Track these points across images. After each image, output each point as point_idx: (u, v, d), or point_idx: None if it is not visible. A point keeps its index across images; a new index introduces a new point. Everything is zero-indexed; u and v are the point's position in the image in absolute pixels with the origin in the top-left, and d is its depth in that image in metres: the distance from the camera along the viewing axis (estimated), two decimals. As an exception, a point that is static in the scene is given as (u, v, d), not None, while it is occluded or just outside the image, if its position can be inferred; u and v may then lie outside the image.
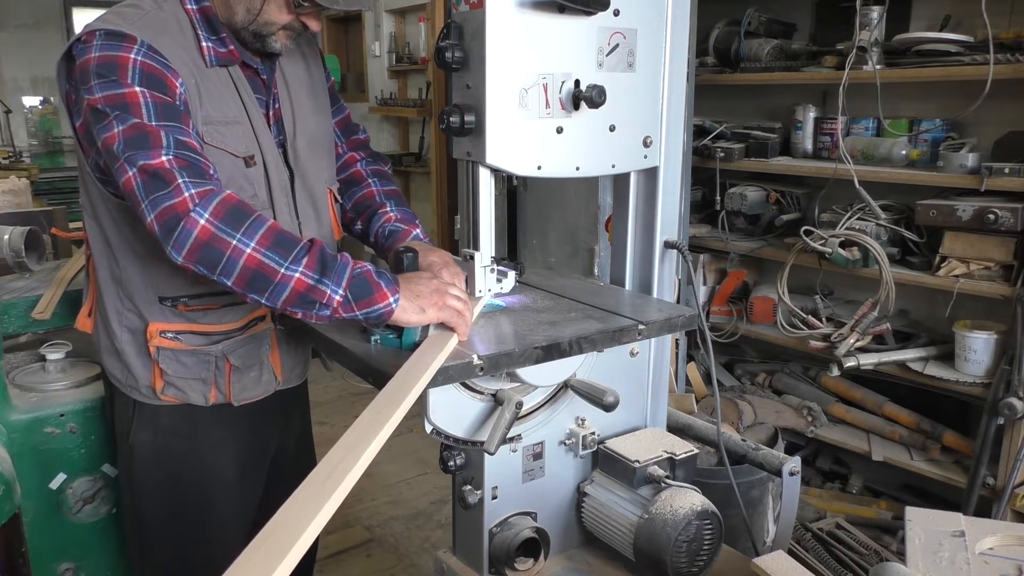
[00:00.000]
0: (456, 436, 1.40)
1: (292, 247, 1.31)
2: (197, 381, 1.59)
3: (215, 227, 1.29)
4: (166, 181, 1.31)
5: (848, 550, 2.80)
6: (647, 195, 1.66)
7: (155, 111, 1.37)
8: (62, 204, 2.49)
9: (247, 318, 1.60)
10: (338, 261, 1.33)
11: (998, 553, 1.46)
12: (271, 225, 1.33)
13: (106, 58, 1.37)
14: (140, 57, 1.38)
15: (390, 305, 1.32)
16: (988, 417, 2.65)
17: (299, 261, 1.30)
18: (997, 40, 2.59)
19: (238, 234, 1.30)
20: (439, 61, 1.36)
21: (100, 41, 1.39)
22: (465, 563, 1.56)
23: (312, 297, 1.31)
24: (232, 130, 1.51)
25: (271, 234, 1.31)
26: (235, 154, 1.51)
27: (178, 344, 1.56)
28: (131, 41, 1.39)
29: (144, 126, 1.34)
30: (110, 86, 1.36)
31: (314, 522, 0.92)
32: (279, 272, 1.30)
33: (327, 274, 1.31)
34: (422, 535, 3.17)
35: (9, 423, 1.86)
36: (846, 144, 3.02)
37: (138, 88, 1.36)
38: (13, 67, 6.96)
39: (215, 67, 1.50)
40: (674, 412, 2.00)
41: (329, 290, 1.30)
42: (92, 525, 1.98)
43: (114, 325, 1.59)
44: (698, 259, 3.52)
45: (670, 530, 1.35)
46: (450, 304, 1.35)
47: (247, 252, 1.29)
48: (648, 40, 1.50)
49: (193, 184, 1.32)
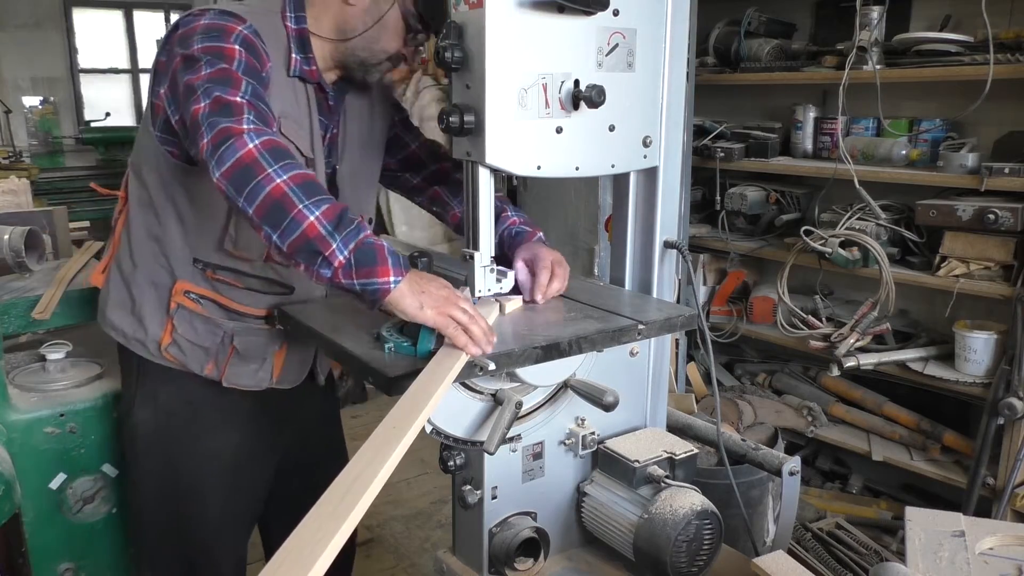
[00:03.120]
0: (456, 436, 1.40)
1: (319, 192, 1.32)
2: (200, 349, 1.63)
3: (259, 153, 1.32)
4: (233, 111, 1.36)
5: (848, 550, 2.80)
6: (647, 195, 1.65)
7: (246, 67, 1.44)
8: (62, 204, 2.49)
9: (267, 310, 1.64)
10: (354, 224, 1.31)
11: (998, 553, 1.46)
12: (308, 172, 1.35)
13: (215, 24, 1.47)
14: (245, 31, 1.48)
15: (388, 284, 1.29)
16: (988, 417, 2.65)
17: (319, 206, 1.30)
18: (997, 40, 2.59)
19: (276, 165, 1.32)
20: (439, 61, 1.36)
21: (212, 13, 1.49)
22: (465, 563, 1.56)
23: (319, 247, 1.29)
24: (301, 132, 1.60)
25: (304, 176, 1.33)
26: (301, 151, 1.58)
27: (198, 307, 1.61)
28: (240, 20, 1.49)
29: (231, 72, 1.41)
30: (212, 40, 1.45)
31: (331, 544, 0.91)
32: (297, 207, 1.29)
33: (340, 229, 1.29)
34: (422, 535, 3.17)
35: (9, 423, 1.86)
36: (846, 144, 3.02)
37: (238, 47, 1.45)
38: (13, 67, 6.96)
39: (294, 78, 1.59)
40: (674, 412, 2.00)
41: (335, 246, 1.29)
42: (92, 525, 1.98)
43: (140, 278, 1.64)
44: (698, 259, 3.52)
45: (670, 530, 1.35)
46: (452, 313, 1.30)
47: (276, 182, 1.30)
48: (648, 40, 1.50)
49: (255, 122, 1.36)
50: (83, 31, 7.35)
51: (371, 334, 1.39)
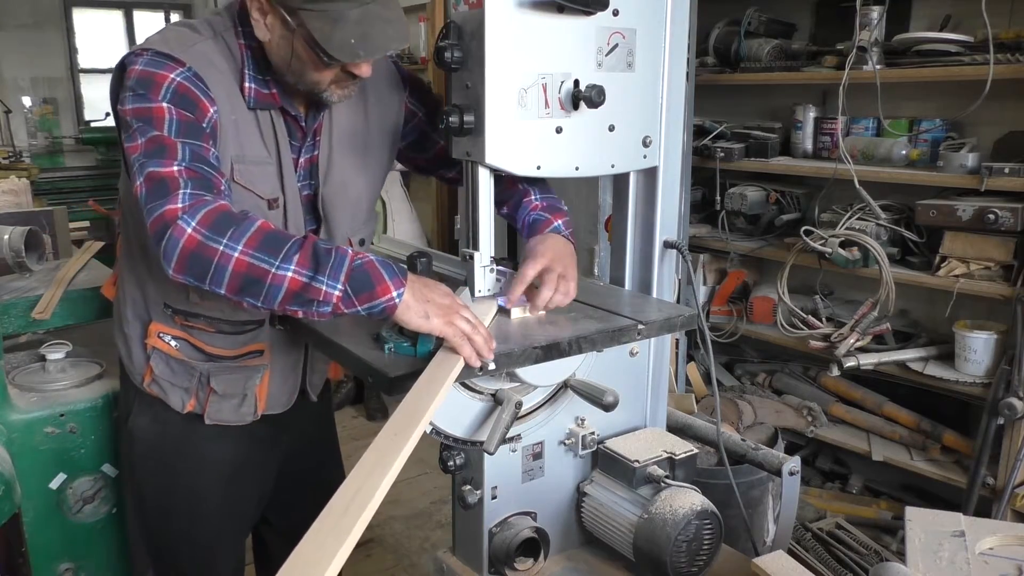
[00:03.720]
0: (456, 436, 1.40)
1: (282, 245, 1.26)
2: (179, 388, 1.60)
3: (201, 235, 1.26)
4: (168, 189, 1.29)
5: (848, 550, 2.80)
6: (647, 195, 1.66)
7: (177, 127, 1.37)
8: (62, 204, 2.48)
9: (242, 350, 1.60)
10: (334, 255, 1.26)
11: (998, 553, 1.46)
12: (260, 225, 1.28)
13: (146, 74, 1.39)
14: (179, 79, 1.39)
15: (393, 300, 1.26)
16: (988, 417, 2.65)
17: (290, 259, 1.25)
18: (997, 40, 2.59)
19: (224, 239, 1.25)
20: (438, 61, 1.36)
21: (148, 58, 1.41)
22: (465, 563, 1.56)
23: (308, 296, 1.25)
24: (261, 171, 1.51)
25: (259, 235, 1.27)
26: (260, 195, 1.51)
27: (172, 350, 1.59)
28: (177, 64, 1.40)
29: (163, 138, 1.35)
30: (140, 100, 1.38)
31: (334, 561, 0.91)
32: (270, 273, 1.24)
33: (321, 270, 1.25)
34: (422, 535, 3.17)
35: (9, 423, 1.86)
36: (846, 144, 3.01)
37: (166, 104, 1.37)
38: (13, 67, 6.95)
39: (252, 111, 1.50)
40: (674, 412, 2.00)
41: (325, 286, 1.25)
42: (92, 525, 1.98)
43: (127, 310, 1.63)
44: (698, 259, 3.52)
45: (670, 530, 1.35)
46: (456, 322, 1.27)
47: (235, 256, 1.25)
48: (647, 40, 1.50)
49: (192, 195, 1.29)
50: (83, 31, 7.34)
51: (371, 334, 1.39)
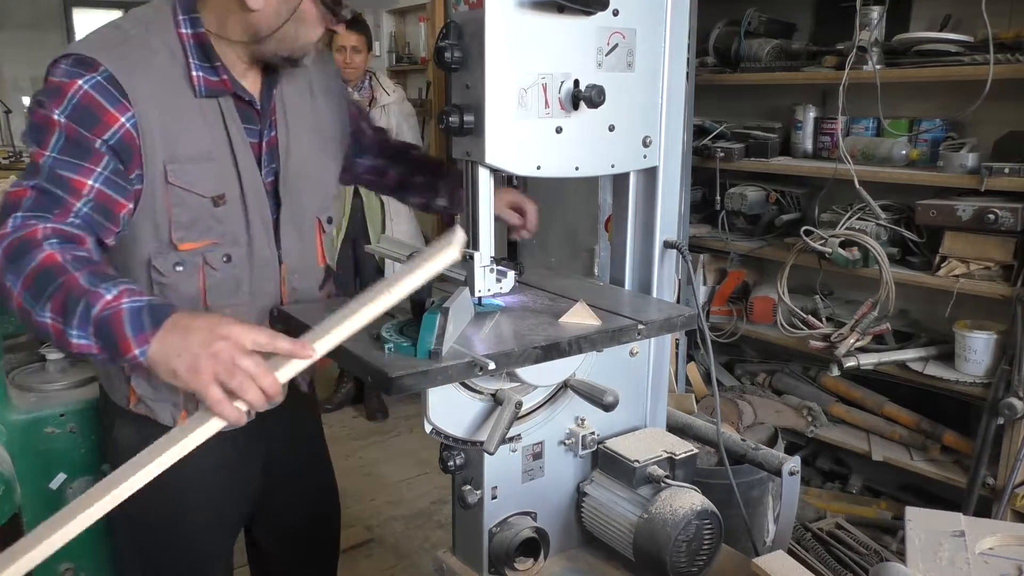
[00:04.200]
0: (456, 436, 1.40)
1: (46, 286, 1.15)
2: (167, 403, 1.57)
3: (1, 265, 1.19)
4: (8, 211, 1.25)
5: (848, 550, 2.80)
6: (647, 195, 1.66)
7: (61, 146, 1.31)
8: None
9: None
10: (81, 303, 1.14)
11: (998, 553, 1.46)
12: (40, 261, 1.17)
13: (54, 84, 1.34)
14: (87, 87, 1.33)
15: (136, 357, 1.13)
16: (988, 417, 2.65)
17: (46, 305, 1.15)
18: (997, 40, 2.59)
19: (11, 274, 1.18)
20: (438, 61, 1.36)
21: (65, 65, 1.35)
22: (465, 563, 1.56)
23: (65, 345, 1.15)
24: (202, 168, 1.45)
25: (33, 273, 1.17)
26: (201, 194, 1.46)
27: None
28: (92, 69, 1.34)
29: (36, 156, 1.31)
30: (41, 108, 1.33)
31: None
32: (33, 317, 1.16)
33: (69, 320, 1.14)
34: (422, 535, 3.17)
35: (9, 423, 1.86)
36: (846, 144, 3.02)
37: (63, 119, 1.32)
38: (13, 67, 6.97)
39: (203, 98, 1.45)
40: (674, 412, 2.00)
41: (75, 339, 1.14)
42: (92, 525, 1.98)
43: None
44: (698, 259, 3.52)
45: (670, 530, 1.35)
46: (217, 372, 1.10)
47: (14, 294, 1.17)
48: (647, 40, 1.50)
49: (21, 218, 1.23)
50: (83, 31, 7.35)
51: (371, 334, 1.39)
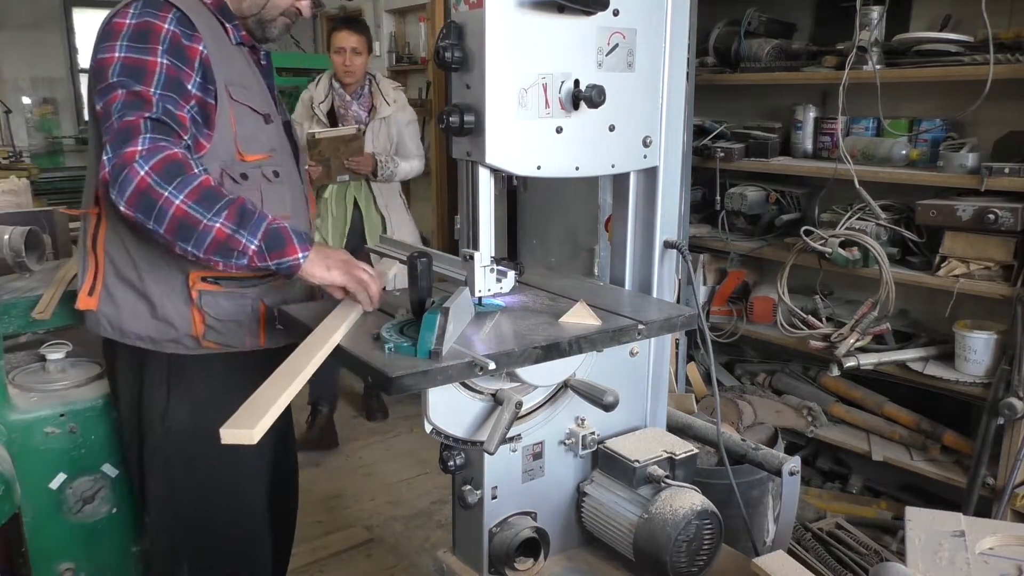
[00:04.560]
0: (456, 436, 1.40)
1: (216, 201, 1.47)
2: (235, 323, 1.73)
3: (152, 179, 1.45)
4: (131, 135, 1.47)
5: (848, 550, 2.80)
6: (647, 195, 1.66)
7: (164, 82, 1.54)
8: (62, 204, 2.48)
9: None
10: (256, 216, 1.50)
11: (998, 553, 1.46)
12: (202, 181, 1.48)
13: (142, 24, 1.56)
14: (172, 27, 1.57)
15: (298, 260, 1.50)
16: (988, 417, 2.65)
17: (220, 213, 1.47)
18: (997, 40, 2.59)
19: (170, 187, 1.45)
20: (439, 61, 1.36)
21: (140, 8, 1.57)
22: (465, 563, 1.56)
23: (230, 246, 1.47)
24: (251, 91, 1.73)
25: (199, 189, 1.47)
26: (257, 110, 1.73)
27: (218, 287, 1.71)
28: (167, 9, 1.58)
29: (143, 92, 1.51)
30: (135, 51, 1.54)
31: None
32: (202, 223, 1.46)
33: (244, 226, 1.47)
34: (422, 535, 3.17)
35: (9, 423, 1.86)
36: (846, 144, 3.02)
37: (162, 60, 1.55)
38: (13, 67, 6.96)
39: (237, 45, 1.73)
40: (674, 412, 2.00)
41: (245, 240, 1.47)
42: (92, 525, 1.98)
43: (151, 283, 1.70)
44: (698, 259, 3.52)
45: (670, 530, 1.35)
46: (355, 273, 1.53)
47: (176, 203, 1.45)
48: (648, 40, 1.50)
49: (151, 140, 1.47)
50: (83, 31, 7.35)
51: (371, 334, 1.39)
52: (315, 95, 3.73)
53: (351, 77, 3.69)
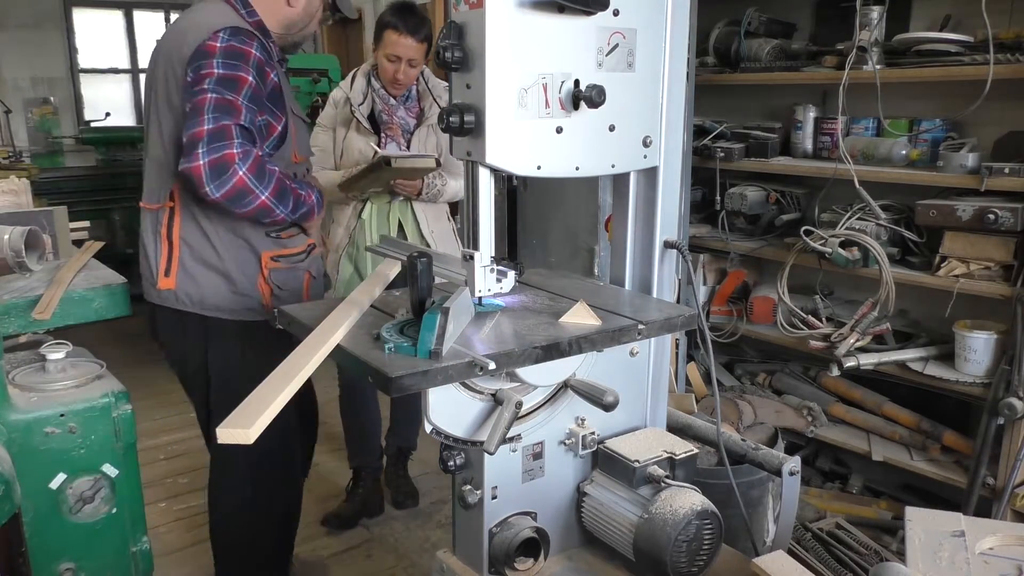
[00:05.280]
0: (456, 436, 1.40)
1: (285, 194, 2.01)
2: (291, 292, 2.19)
3: (248, 178, 1.89)
4: (225, 136, 1.86)
5: (848, 550, 2.80)
6: (647, 195, 1.66)
7: (250, 96, 1.93)
8: (62, 204, 2.48)
9: (307, 244, 2.25)
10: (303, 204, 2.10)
11: (998, 553, 1.46)
12: (278, 176, 1.98)
13: (233, 47, 1.93)
14: (257, 53, 1.96)
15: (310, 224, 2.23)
16: (988, 417, 2.65)
17: (287, 203, 2.02)
18: (997, 40, 2.59)
19: (261, 186, 1.93)
20: (439, 61, 1.36)
21: (228, 35, 1.94)
22: (465, 563, 1.56)
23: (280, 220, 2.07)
24: (295, 101, 2.20)
25: (277, 185, 1.98)
26: (304, 119, 2.24)
27: (280, 265, 2.17)
28: (251, 38, 1.97)
29: (234, 101, 1.89)
30: (230, 68, 1.91)
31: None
32: (274, 212, 2.01)
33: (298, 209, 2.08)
34: (422, 535, 3.17)
35: (9, 423, 1.86)
36: (846, 144, 3.02)
37: (251, 78, 1.93)
38: (13, 67, 6.95)
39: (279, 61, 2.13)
40: (674, 412, 2.00)
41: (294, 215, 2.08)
42: (92, 525, 1.98)
43: (230, 263, 2.11)
44: (698, 259, 3.52)
45: (670, 530, 1.35)
46: None
47: (262, 198, 1.95)
48: (648, 40, 1.50)
49: (241, 144, 1.87)
50: (83, 31, 7.34)
51: (371, 334, 1.39)
52: (352, 96, 2.96)
53: (399, 89, 2.97)
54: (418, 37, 2.84)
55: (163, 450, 3.88)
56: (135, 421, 2.00)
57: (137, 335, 5.11)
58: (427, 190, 2.94)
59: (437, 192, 2.97)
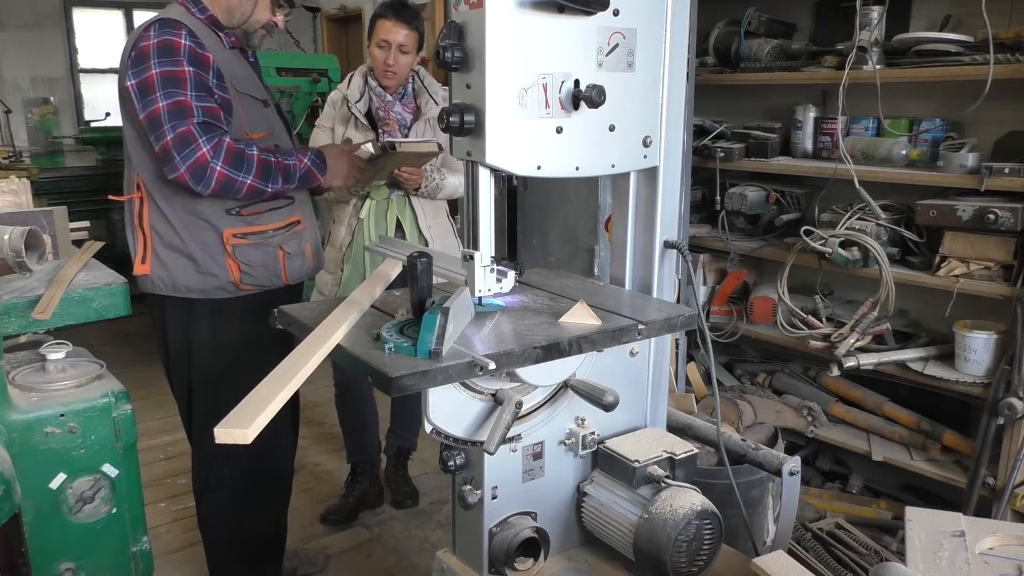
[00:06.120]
0: (456, 436, 1.40)
1: (270, 171, 2.10)
2: (263, 268, 2.22)
3: (227, 170, 2.01)
4: (190, 141, 1.97)
5: (848, 550, 2.80)
6: (647, 195, 1.66)
7: (195, 86, 2.00)
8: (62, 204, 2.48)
9: (286, 220, 2.27)
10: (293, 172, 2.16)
11: (998, 553, 1.46)
12: (257, 158, 2.07)
13: (163, 41, 1.99)
14: (187, 42, 2.01)
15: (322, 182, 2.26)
16: (988, 417, 2.65)
17: (277, 179, 2.12)
18: (997, 40, 2.59)
19: (242, 172, 2.04)
20: (439, 61, 1.36)
21: (157, 29, 2.01)
22: (465, 563, 1.56)
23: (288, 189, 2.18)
24: (248, 82, 2.23)
25: (259, 166, 2.08)
26: (256, 97, 2.24)
27: (246, 241, 2.20)
28: (180, 26, 2.02)
29: (182, 101, 1.98)
30: (166, 64, 1.98)
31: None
32: (267, 189, 2.12)
33: (291, 180, 2.16)
34: (422, 535, 3.17)
35: (9, 423, 1.86)
36: (846, 144, 3.02)
37: (187, 68, 2.00)
38: (13, 67, 6.95)
39: (230, 49, 2.20)
40: (674, 412, 2.00)
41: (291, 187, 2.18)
42: (92, 525, 1.98)
43: (193, 245, 2.17)
44: (698, 259, 3.52)
45: (670, 530, 1.35)
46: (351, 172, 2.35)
47: (248, 182, 2.06)
48: (648, 40, 1.50)
49: (208, 140, 1.97)
50: (83, 31, 7.34)
51: (371, 334, 1.39)
52: (349, 94, 3.02)
53: (392, 80, 2.97)
54: (408, 25, 2.89)
55: (163, 450, 3.88)
56: (135, 421, 2.00)
57: (137, 335, 5.12)
58: (426, 183, 2.94)
59: (436, 187, 2.98)
